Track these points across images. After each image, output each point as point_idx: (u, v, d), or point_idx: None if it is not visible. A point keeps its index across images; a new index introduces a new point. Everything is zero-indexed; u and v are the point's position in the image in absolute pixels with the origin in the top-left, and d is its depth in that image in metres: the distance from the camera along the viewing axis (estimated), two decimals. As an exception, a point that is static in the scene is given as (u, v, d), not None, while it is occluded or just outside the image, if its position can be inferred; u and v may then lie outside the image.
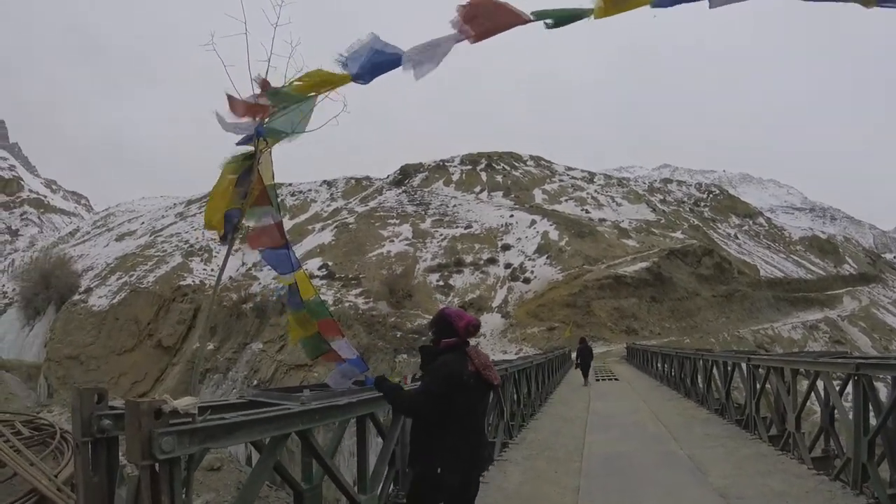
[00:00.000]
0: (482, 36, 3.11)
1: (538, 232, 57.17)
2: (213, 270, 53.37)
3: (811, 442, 6.83)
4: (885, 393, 5.66)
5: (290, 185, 79.43)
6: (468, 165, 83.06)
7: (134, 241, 67.44)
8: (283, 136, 3.63)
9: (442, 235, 58.40)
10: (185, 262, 55.24)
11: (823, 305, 59.28)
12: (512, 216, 63.02)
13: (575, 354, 21.37)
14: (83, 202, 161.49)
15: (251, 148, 3.55)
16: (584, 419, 10.78)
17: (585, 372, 19.18)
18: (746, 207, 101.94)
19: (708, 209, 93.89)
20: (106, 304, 48.58)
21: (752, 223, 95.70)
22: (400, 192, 75.11)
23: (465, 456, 3.08)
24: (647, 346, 27.55)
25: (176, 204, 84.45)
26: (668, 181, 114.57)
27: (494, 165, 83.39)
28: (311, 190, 79.92)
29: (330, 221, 65.03)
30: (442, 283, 48.94)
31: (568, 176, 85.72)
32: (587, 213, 69.39)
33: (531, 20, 3.02)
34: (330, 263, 51.65)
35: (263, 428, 2.84)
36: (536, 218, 61.19)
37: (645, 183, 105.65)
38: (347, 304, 43.15)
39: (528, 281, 48.50)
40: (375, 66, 3.24)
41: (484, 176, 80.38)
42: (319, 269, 49.97)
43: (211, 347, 41.07)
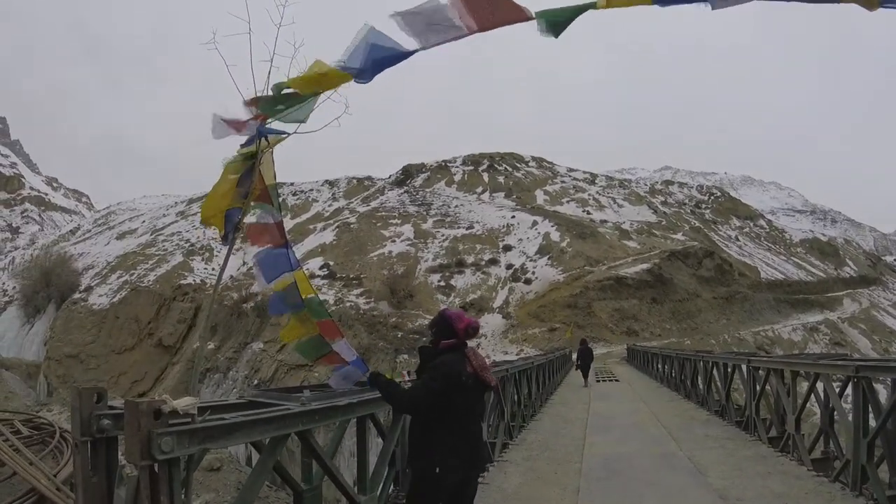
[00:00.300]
0: (485, 27, 3.09)
1: (539, 233, 57.18)
2: (213, 269, 53.41)
3: (811, 443, 6.84)
4: (884, 395, 5.66)
5: (291, 184, 79.51)
6: (470, 166, 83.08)
7: (135, 239, 67.52)
8: (284, 136, 3.63)
9: (443, 236, 58.42)
10: (185, 261, 55.30)
11: (824, 307, 59.21)
12: (513, 217, 63.04)
13: (576, 355, 21.37)
14: (84, 200, 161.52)
15: (253, 148, 3.56)
16: (584, 420, 10.77)
17: (585, 373, 19.21)
18: (747, 209, 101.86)
19: (709, 211, 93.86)
20: (106, 302, 48.63)
21: (752, 225, 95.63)
22: (402, 192, 75.14)
23: (463, 456, 3.11)
24: (647, 347, 27.56)
25: (177, 203, 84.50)
26: (669, 183, 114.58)
27: (496, 166, 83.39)
28: (312, 189, 79.96)
29: (331, 221, 65.04)
30: (443, 283, 48.94)
31: (569, 177, 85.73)
32: (588, 214, 69.39)
33: (533, 18, 3.01)
34: (331, 263, 51.66)
35: (263, 428, 2.84)
36: (538, 219, 61.20)
37: (646, 184, 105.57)
38: (348, 304, 43.17)
39: (529, 282, 48.50)
40: (376, 62, 3.21)
41: (486, 176, 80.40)
42: (321, 268, 49.99)
43: (211, 347, 41.08)
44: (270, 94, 3.40)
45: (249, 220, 3.77)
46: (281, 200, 4.00)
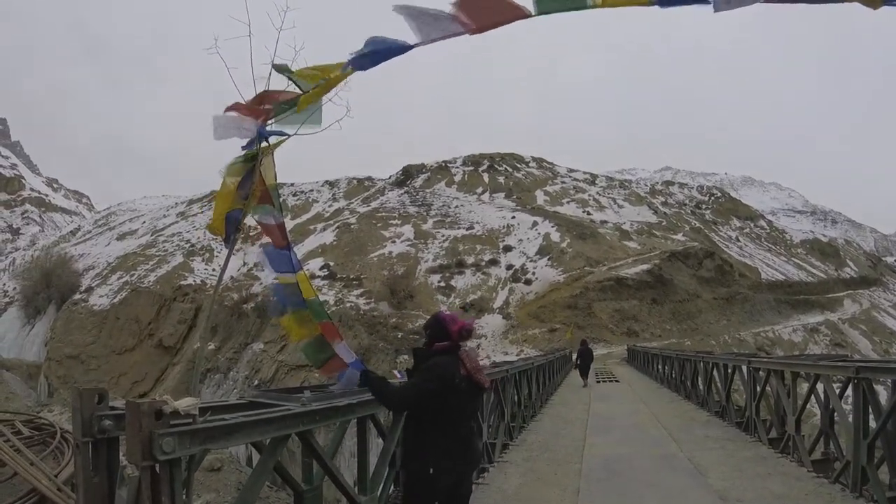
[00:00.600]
0: (483, 28, 3.13)
1: (540, 233, 57.18)
2: (214, 270, 53.40)
3: (811, 445, 6.84)
4: (884, 396, 5.66)
5: (292, 185, 79.50)
6: (470, 166, 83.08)
7: (135, 240, 67.52)
8: (285, 138, 3.64)
9: (444, 236, 58.41)
10: (186, 261, 55.29)
11: (824, 308, 59.21)
12: (514, 217, 63.03)
13: (576, 356, 21.38)
14: (84, 201, 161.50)
15: (254, 150, 3.57)
16: (584, 421, 10.78)
17: (585, 373, 19.22)
18: (748, 210, 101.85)
19: (709, 212, 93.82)
20: (107, 303, 48.63)
21: (753, 226, 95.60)
22: (402, 192, 75.15)
23: (456, 457, 3.13)
24: (647, 347, 27.55)
25: (177, 203, 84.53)
26: (669, 183, 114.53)
27: (496, 167, 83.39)
28: (312, 190, 79.96)
29: (332, 222, 65.04)
30: (443, 283, 48.94)
31: (570, 178, 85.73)
32: (589, 214, 69.38)
33: (531, 15, 3.05)
34: (331, 264, 51.66)
35: (264, 429, 2.84)
36: (538, 219, 61.21)
37: (647, 185, 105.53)
38: (349, 304, 43.17)
39: (529, 282, 48.49)
40: (376, 53, 3.27)
41: (486, 177, 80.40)
42: (321, 269, 49.99)
43: (212, 347, 41.07)
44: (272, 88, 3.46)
45: (251, 221, 3.78)
46: (281, 201, 4.00)
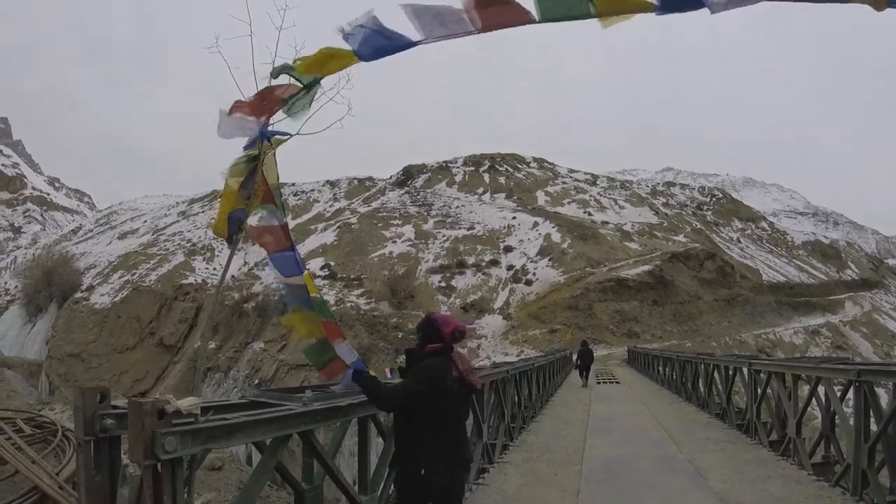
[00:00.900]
0: (488, 28, 3.13)
1: (540, 234, 57.13)
2: (215, 269, 53.42)
3: (811, 447, 6.83)
4: (885, 399, 5.66)
5: (293, 184, 79.48)
6: (471, 167, 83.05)
7: (136, 239, 67.61)
8: (287, 137, 3.65)
9: (444, 236, 58.40)
10: (187, 260, 55.33)
11: (825, 310, 59.16)
12: (514, 218, 63.00)
13: (576, 356, 21.39)
14: (86, 200, 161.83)
15: (255, 150, 3.57)
16: (584, 422, 10.77)
17: (585, 374, 19.23)
18: (749, 211, 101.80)
19: (711, 213, 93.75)
20: (108, 302, 48.69)
21: (754, 227, 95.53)
22: (403, 192, 75.13)
23: (448, 458, 3.14)
24: (648, 349, 27.54)
25: (179, 202, 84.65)
26: (671, 184, 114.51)
27: (497, 167, 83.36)
28: (313, 190, 79.96)
29: (332, 222, 65.04)
30: (444, 284, 48.94)
31: (571, 178, 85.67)
32: (590, 215, 69.32)
33: (536, 21, 3.05)
34: (332, 264, 51.67)
35: (265, 429, 2.85)
36: (539, 220, 61.17)
37: (648, 186, 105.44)
38: (349, 304, 43.18)
39: (529, 283, 48.46)
40: (379, 48, 3.27)
41: (487, 177, 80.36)
42: (322, 269, 49.98)
43: (213, 346, 41.08)
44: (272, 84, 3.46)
45: (252, 221, 3.78)
46: (283, 201, 4.00)
